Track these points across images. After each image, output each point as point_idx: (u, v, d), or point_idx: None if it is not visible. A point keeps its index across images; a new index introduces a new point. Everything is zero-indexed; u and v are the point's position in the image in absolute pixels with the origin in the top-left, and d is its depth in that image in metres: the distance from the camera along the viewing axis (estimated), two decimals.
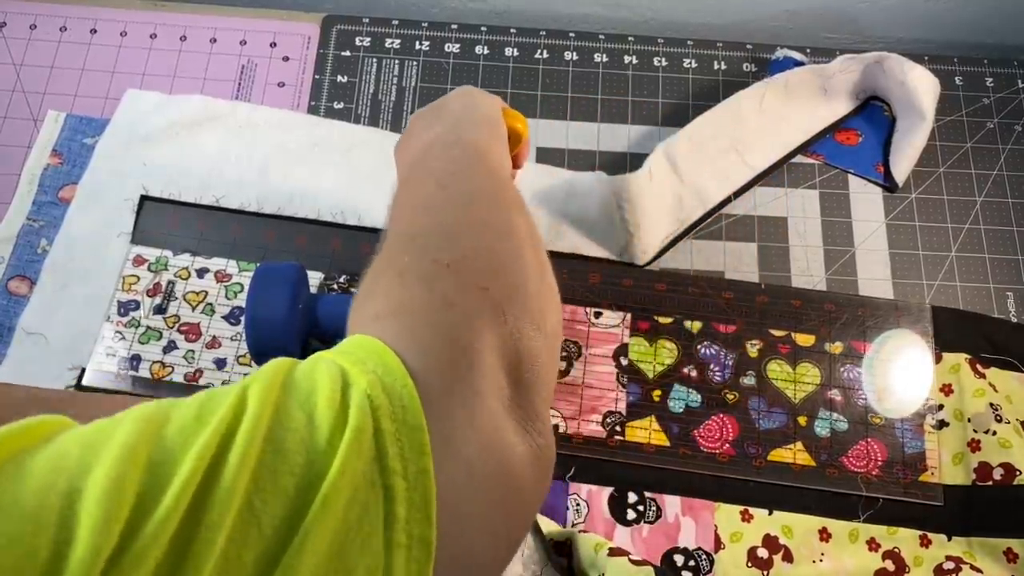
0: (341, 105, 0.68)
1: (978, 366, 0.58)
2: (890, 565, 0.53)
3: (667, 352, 0.59)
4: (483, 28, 0.71)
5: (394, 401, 0.22)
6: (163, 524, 0.17)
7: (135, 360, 0.57)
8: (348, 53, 0.70)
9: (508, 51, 0.71)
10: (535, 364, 0.29)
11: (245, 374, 0.57)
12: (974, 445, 0.56)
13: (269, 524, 0.18)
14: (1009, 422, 0.56)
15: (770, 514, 0.55)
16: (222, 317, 0.59)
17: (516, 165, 0.50)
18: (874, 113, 0.68)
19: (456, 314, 0.26)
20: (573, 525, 0.54)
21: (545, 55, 0.71)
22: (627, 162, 0.66)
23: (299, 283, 0.53)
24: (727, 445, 0.56)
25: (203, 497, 0.18)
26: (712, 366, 0.59)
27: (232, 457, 0.19)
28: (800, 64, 0.67)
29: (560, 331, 0.35)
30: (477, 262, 0.29)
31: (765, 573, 0.53)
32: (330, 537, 0.19)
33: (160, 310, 0.59)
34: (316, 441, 0.20)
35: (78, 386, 0.56)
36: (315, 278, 0.60)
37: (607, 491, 0.55)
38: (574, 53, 0.71)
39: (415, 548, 0.21)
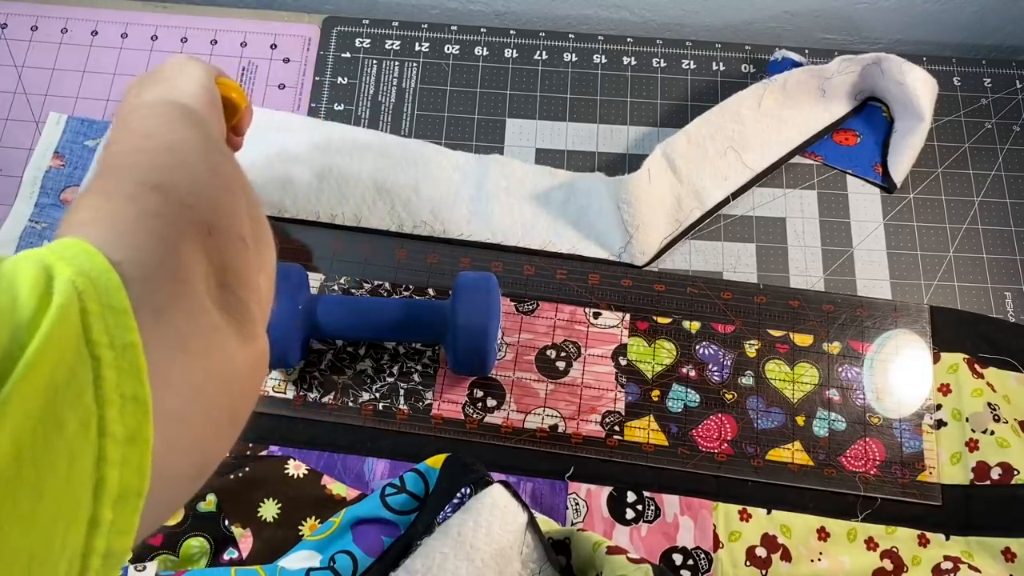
0: (341, 107, 0.68)
1: (976, 366, 0.58)
2: (888, 564, 0.53)
3: (666, 352, 0.59)
4: (483, 29, 0.72)
5: (99, 287, 0.24)
6: None
7: None
8: (348, 55, 0.70)
9: (507, 52, 0.71)
10: (244, 271, 0.33)
11: None
12: (972, 445, 0.56)
13: None
14: (1007, 422, 0.56)
15: (768, 513, 0.55)
16: None
17: (238, 133, 0.53)
18: (872, 114, 0.68)
19: (161, 221, 0.29)
20: (572, 525, 0.54)
21: (544, 56, 0.71)
22: (626, 163, 0.67)
23: (299, 284, 0.53)
24: (725, 445, 0.56)
25: None
26: (711, 366, 0.59)
27: None
28: (798, 65, 0.67)
29: (273, 269, 0.39)
30: (182, 186, 0.32)
31: (763, 572, 0.53)
32: (38, 394, 0.20)
33: None
34: (19, 318, 0.21)
35: None
36: (315, 279, 0.60)
37: (606, 490, 0.55)
38: (573, 54, 0.71)
39: (129, 404, 0.23)
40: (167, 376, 0.25)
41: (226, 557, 0.51)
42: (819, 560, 0.54)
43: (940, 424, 0.57)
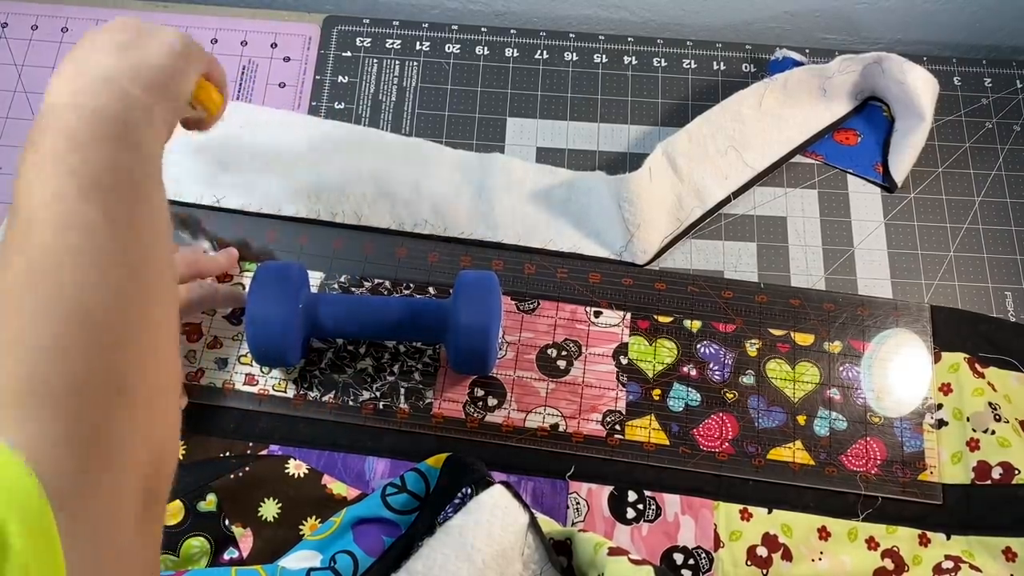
0: (342, 105, 0.68)
1: (977, 365, 0.58)
2: (889, 564, 0.53)
3: (667, 351, 0.59)
4: (483, 29, 0.71)
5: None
6: None
7: None
8: (349, 54, 0.70)
9: (508, 52, 0.71)
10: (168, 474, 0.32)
11: (247, 374, 0.57)
12: (973, 444, 0.56)
13: None
14: (1008, 421, 0.56)
15: (769, 513, 0.55)
16: (223, 317, 0.59)
17: (201, 130, 0.50)
18: (873, 113, 0.68)
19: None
20: (573, 524, 0.54)
21: (545, 56, 0.71)
22: (627, 162, 0.67)
23: (300, 283, 0.53)
24: (726, 444, 0.56)
25: None
26: (711, 365, 0.59)
27: None
28: (799, 64, 0.67)
29: (172, 381, 0.35)
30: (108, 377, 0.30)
31: (764, 572, 0.53)
32: None
33: None
34: None
35: None
36: (315, 278, 0.60)
37: (607, 490, 0.55)
38: (574, 54, 0.71)
39: None
40: None
41: (226, 557, 0.51)
42: (820, 559, 0.54)
43: (941, 423, 0.57)
